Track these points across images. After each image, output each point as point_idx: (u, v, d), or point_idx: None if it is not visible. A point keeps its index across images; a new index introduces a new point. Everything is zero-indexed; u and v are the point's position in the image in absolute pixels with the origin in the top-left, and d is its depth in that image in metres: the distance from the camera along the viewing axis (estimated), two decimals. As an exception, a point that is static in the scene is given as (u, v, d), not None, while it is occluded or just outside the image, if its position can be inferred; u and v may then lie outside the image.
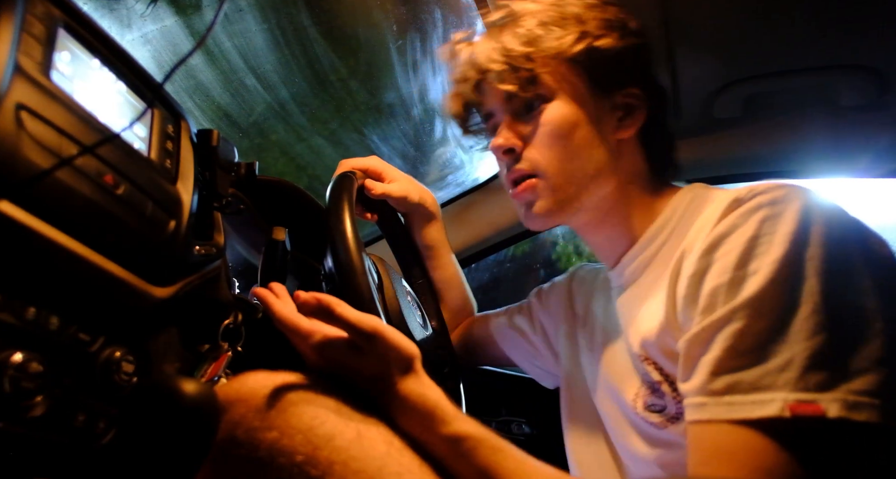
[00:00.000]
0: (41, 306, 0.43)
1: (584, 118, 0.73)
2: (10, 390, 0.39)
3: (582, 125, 0.73)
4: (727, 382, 0.51)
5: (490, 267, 2.45)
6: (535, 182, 0.75)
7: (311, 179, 1.90)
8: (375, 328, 0.55)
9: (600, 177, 0.74)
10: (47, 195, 0.41)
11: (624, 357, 0.73)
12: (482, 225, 1.41)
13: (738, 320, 0.52)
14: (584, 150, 0.73)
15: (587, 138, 0.73)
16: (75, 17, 0.48)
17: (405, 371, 0.57)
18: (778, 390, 0.48)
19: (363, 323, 0.55)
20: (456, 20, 1.25)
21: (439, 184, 1.61)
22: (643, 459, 0.69)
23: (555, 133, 0.73)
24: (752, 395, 0.49)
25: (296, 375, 0.56)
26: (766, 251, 0.53)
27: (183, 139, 0.59)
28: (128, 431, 0.48)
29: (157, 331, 0.56)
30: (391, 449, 0.52)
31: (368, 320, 0.56)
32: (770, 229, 0.54)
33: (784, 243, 0.52)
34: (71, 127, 0.43)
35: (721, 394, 0.51)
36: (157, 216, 0.51)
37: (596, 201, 0.75)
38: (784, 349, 0.49)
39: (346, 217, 0.73)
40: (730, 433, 0.50)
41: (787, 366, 0.49)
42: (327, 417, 0.51)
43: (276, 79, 1.54)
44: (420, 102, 1.55)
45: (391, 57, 1.46)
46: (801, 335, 0.49)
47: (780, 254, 0.52)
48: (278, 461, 0.49)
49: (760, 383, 0.49)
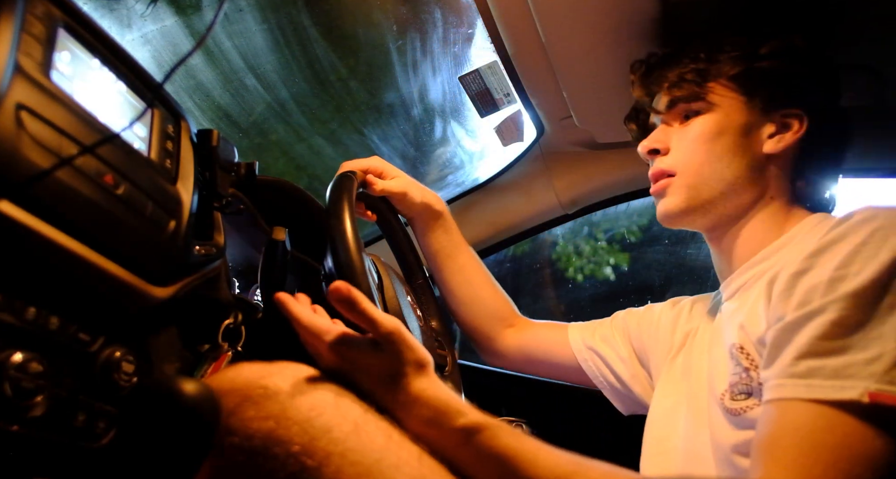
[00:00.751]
0: (41, 306, 0.43)
1: (731, 128, 0.77)
2: (10, 390, 0.39)
3: (727, 134, 0.77)
4: (809, 366, 0.53)
5: (490, 267, 2.44)
6: (670, 180, 0.80)
7: (310, 179, 1.90)
8: (397, 327, 0.57)
9: (737, 185, 0.77)
10: (47, 195, 0.41)
11: (722, 355, 0.73)
12: (482, 225, 1.41)
13: (831, 311, 0.53)
14: (725, 156, 0.77)
15: (730, 146, 0.77)
16: (75, 17, 0.48)
17: (419, 372, 0.58)
18: (862, 379, 0.50)
19: (385, 320, 0.57)
20: (456, 20, 1.25)
21: (439, 184, 1.61)
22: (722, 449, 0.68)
23: (699, 138, 0.78)
24: (833, 380, 0.51)
25: (293, 366, 0.56)
26: (872, 255, 0.54)
27: (183, 139, 0.59)
28: (128, 431, 0.48)
29: (157, 331, 0.56)
30: (390, 443, 0.52)
31: (390, 318, 0.57)
32: (879, 238, 0.55)
33: (891, 250, 0.54)
34: (71, 127, 0.43)
35: (802, 377, 0.53)
36: (157, 216, 0.51)
37: (730, 209, 0.78)
38: (875, 345, 0.51)
39: (346, 217, 0.73)
40: (805, 411, 0.51)
41: (876, 360, 0.50)
42: (324, 408, 0.51)
43: (276, 79, 1.54)
44: (420, 102, 1.55)
45: (391, 57, 1.46)
46: (894, 334, 0.51)
47: (887, 259, 0.53)
48: (273, 451, 0.48)
49: (844, 372, 0.51)
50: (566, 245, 2.70)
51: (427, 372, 0.58)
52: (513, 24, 0.96)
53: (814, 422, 0.51)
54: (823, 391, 0.51)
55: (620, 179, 1.29)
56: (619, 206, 1.38)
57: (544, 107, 1.16)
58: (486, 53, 1.12)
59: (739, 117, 0.78)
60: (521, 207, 1.39)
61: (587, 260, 2.59)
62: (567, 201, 1.34)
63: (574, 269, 2.61)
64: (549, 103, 1.14)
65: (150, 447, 0.46)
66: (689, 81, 0.80)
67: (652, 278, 2.39)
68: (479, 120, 1.25)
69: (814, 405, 0.51)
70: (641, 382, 0.96)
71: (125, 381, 0.49)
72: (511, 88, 1.14)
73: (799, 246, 0.70)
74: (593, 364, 1.01)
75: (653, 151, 0.83)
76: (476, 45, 1.22)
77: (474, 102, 1.20)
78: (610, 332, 1.02)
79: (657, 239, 2.33)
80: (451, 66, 1.36)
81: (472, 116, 1.36)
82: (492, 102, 1.19)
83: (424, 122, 1.60)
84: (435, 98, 1.50)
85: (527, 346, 1.07)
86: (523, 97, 1.15)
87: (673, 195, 0.80)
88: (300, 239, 0.90)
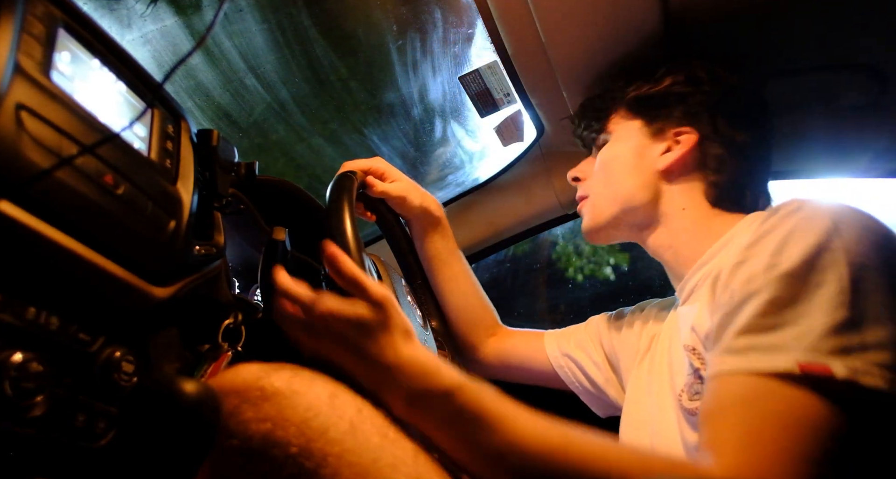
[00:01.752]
0: (41, 306, 0.43)
1: (625, 152, 0.89)
2: (10, 390, 0.39)
3: (622, 157, 0.89)
4: (747, 342, 0.56)
5: (490, 267, 2.45)
6: (583, 202, 0.94)
7: (310, 179, 1.90)
8: (387, 294, 0.60)
9: (634, 201, 0.86)
10: (47, 195, 0.41)
11: (679, 358, 0.76)
12: (482, 225, 1.41)
13: (766, 292, 0.57)
14: (620, 176, 0.88)
15: (624, 167, 0.88)
16: (75, 18, 0.48)
17: (406, 337, 0.60)
18: (793, 351, 0.53)
19: (376, 286, 0.59)
20: (456, 20, 1.25)
21: (439, 184, 1.61)
22: (688, 448, 0.69)
23: (601, 164, 0.92)
24: (768, 354, 0.54)
25: (290, 367, 0.56)
26: (800, 240, 0.58)
27: (183, 139, 0.59)
28: (128, 431, 0.48)
29: (157, 331, 0.56)
30: (385, 442, 0.53)
31: (380, 286, 0.60)
32: (806, 225, 0.59)
33: (819, 233, 0.58)
34: (71, 127, 0.43)
35: (740, 352, 0.56)
36: (157, 216, 0.51)
37: (638, 220, 0.87)
38: (804, 320, 0.54)
39: (347, 217, 0.73)
40: (744, 383, 0.55)
41: (806, 334, 0.53)
42: (321, 409, 0.52)
43: (276, 79, 1.54)
44: (420, 102, 1.55)
45: (391, 57, 1.46)
46: (823, 309, 0.54)
47: (815, 241, 0.57)
48: (271, 452, 0.49)
49: (778, 346, 0.54)
50: (566, 245, 2.70)
51: (413, 338, 0.61)
52: (513, 24, 0.96)
53: (752, 392, 0.54)
54: (760, 363, 0.54)
55: (620, 179, 1.29)
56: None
57: (544, 107, 1.16)
58: (486, 53, 1.12)
59: (632, 141, 0.88)
60: (522, 207, 1.39)
61: (587, 260, 2.59)
62: (567, 201, 1.34)
63: (574, 269, 2.61)
64: (549, 103, 1.14)
65: (151, 448, 0.46)
66: (592, 115, 0.95)
67: (652, 278, 2.39)
68: (479, 120, 1.25)
69: (752, 377, 0.54)
70: (615, 385, 0.99)
71: (125, 381, 0.49)
72: (511, 87, 1.14)
73: (738, 242, 0.72)
74: (569, 370, 1.04)
75: (575, 179, 0.97)
76: (476, 45, 1.22)
77: (474, 102, 1.20)
78: (585, 337, 1.04)
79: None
80: (451, 66, 1.36)
81: (472, 116, 1.36)
82: (492, 102, 1.19)
83: (424, 122, 1.60)
84: (435, 98, 1.50)
85: (505, 354, 1.09)
86: (523, 97, 1.15)
87: (585, 215, 0.93)
88: (300, 239, 0.90)
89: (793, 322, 0.55)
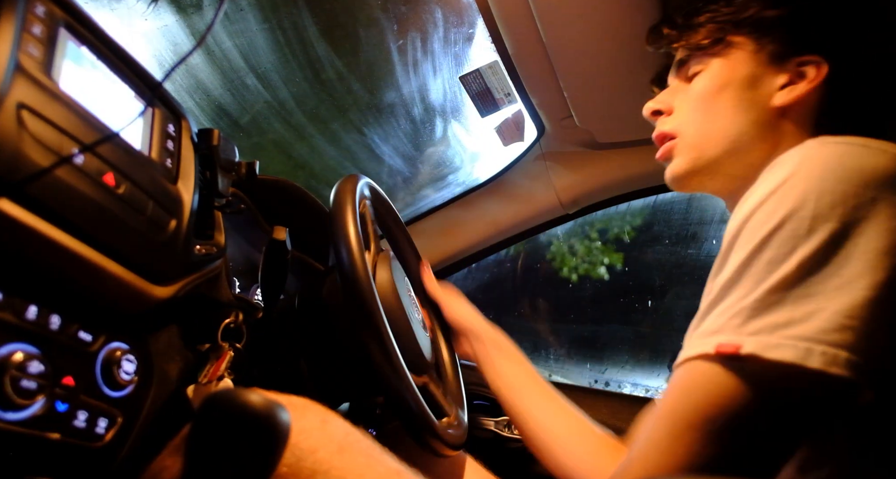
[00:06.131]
0: (42, 305, 0.43)
1: (734, 81, 0.72)
2: (10, 389, 0.39)
3: (730, 88, 0.72)
4: (699, 332, 0.55)
5: (490, 267, 2.45)
6: (673, 143, 0.76)
7: (310, 179, 1.90)
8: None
9: (744, 142, 0.71)
10: (48, 194, 0.41)
11: None
12: (482, 225, 1.41)
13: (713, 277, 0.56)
14: (728, 112, 0.71)
15: (733, 101, 0.71)
16: (76, 17, 0.47)
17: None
18: (717, 335, 0.52)
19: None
20: (456, 20, 1.25)
21: (439, 184, 1.61)
22: None
23: (699, 96, 0.74)
24: (702, 339, 0.53)
25: (283, 397, 0.56)
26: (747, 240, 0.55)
27: (183, 138, 0.59)
28: (129, 431, 0.48)
29: (157, 330, 0.56)
30: (370, 460, 0.54)
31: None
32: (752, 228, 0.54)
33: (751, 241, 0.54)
34: (71, 126, 0.43)
35: (690, 342, 0.55)
36: (157, 216, 0.51)
37: (740, 169, 0.71)
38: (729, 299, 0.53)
39: (349, 218, 0.73)
40: (677, 372, 0.55)
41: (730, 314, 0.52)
42: (312, 433, 0.53)
43: (277, 78, 1.54)
44: (421, 101, 1.55)
45: (391, 57, 1.46)
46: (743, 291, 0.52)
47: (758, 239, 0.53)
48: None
49: (708, 330, 0.53)
50: (561, 245, 2.70)
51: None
52: (513, 24, 0.96)
53: (680, 380, 0.53)
54: (692, 350, 0.53)
55: (621, 178, 1.29)
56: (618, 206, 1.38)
57: (545, 107, 1.16)
58: (487, 53, 1.12)
59: (744, 69, 0.72)
60: (522, 207, 1.39)
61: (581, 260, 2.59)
62: (568, 201, 1.34)
63: (569, 269, 2.61)
64: (550, 103, 1.14)
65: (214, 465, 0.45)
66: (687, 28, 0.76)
67: (652, 278, 2.39)
68: (480, 120, 1.25)
69: (680, 366, 0.54)
70: None
71: (126, 380, 0.49)
72: (512, 87, 1.14)
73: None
74: None
75: (656, 112, 0.79)
76: (477, 45, 1.22)
77: (475, 102, 1.20)
78: None
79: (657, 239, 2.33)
80: (452, 65, 1.36)
81: (473, 116, 1.36)
82: (492, 102, 1.19)
83: (425, 121, 1.60)
84: (435, 98, 1.50)
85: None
86: (524, 97, 1.15)
87: (677, 158, 0.75)
88: (301, 239, 0.90)
89: (723, 304, 0.53)
